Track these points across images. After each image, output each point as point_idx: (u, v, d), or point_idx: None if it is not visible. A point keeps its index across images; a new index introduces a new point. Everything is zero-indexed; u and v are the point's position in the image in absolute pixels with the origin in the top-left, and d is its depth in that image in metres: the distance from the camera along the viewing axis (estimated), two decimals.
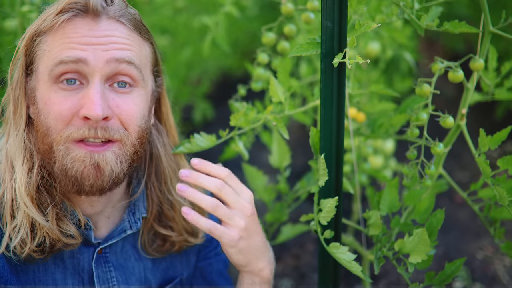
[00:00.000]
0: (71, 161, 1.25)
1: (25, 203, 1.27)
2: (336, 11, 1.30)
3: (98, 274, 1.41)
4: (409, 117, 1.70)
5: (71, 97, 1.25)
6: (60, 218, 1.31)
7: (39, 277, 1.34)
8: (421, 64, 3.52)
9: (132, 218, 1.45)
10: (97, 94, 1.23)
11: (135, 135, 1.32)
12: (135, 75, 1.30)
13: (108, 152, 1.27)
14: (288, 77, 1.62)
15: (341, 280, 1.66)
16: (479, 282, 2.49)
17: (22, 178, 1.28)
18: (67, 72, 1.24)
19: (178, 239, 1.50)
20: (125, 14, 1.31)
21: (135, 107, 1.31)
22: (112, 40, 1.27)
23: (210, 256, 1.67)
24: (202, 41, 2.72)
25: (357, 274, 1.39)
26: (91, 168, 1.25)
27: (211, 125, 3.83)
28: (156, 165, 1.48)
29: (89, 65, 1.24)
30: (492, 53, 1.64)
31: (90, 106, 1.22)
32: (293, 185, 2.11)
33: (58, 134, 1.25)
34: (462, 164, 3.40)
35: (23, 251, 1.28)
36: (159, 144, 1.49)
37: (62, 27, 1.26)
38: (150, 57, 1.38)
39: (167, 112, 1.52)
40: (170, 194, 1.49)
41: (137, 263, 1.49)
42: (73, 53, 1.24)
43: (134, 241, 1.49)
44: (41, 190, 1.30)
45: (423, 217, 1.56)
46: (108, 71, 1.26)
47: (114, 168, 1.28)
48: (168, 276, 1.56)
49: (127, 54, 1.28)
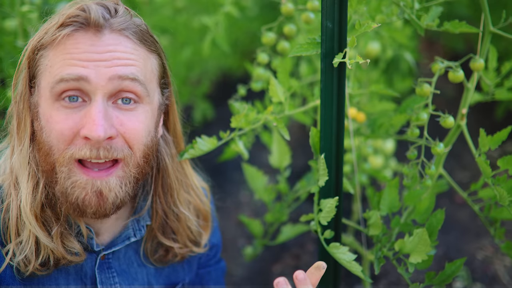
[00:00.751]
0: (71, 185, 1.21)
1: (30, 222, 1.25)
2: (336, 11, 1.30)
3: (101, 280, 1.40)
4: (409, 117, 1.70)
5: (72, 116, 1.20)
6: (64, 236, 1.29)
7: (42, 282, 1.33)
8: (421, 64, 3.52)
9: (137, 226, 1.43)
10: (99, 113, 1.18)
11: (140, 154, 1.27)
12: (139, 92, 1.24)
13: (111, 178, 1.22)
14: (288, 77, 1.62)
15: (341, 280, 1.66)
16: (479, 282, 2.49)
17: (27, 196, 1.25)
18: (69, 89, 1.19)
19: (181, 251, 1.48)
20: (129, 27, 1.25)
21: (140, 124, 1.25)
22: (115, 56, 1.21)
23: (210, 264, 1.68)
24: (202, 41, 2.72)
25: (357, 274, 1.39)
26: (93, 196, 1.21)
27: (211, 125, 3.83)
28: (163, 177, 1.44)
29: (90, 83, 1.18)
30: (492, 53, 1.64)
31: (91, 127, 1.17)
32: (293, 185, 2.11)
33: (61, 154, 1.20)
34: (463, 164, 3.40)
35: (27, 269, 1.26)
36: (166, 157, 1.44)
37: (63, 42, 1.20)
38: (156, 69, 1.32)
39: (174, 121, 1.47)
40: (176, 207, 1.46)
41: (140, 269, 1.48)
42: (74, 70, 1.18)
43: (137, 247, 1.48)
44: (45, 209, 1.27)
45: (423, 217, 1.56)
46: (111, 89, 1.20)
47: (118, 194, 1.24)
48: (171, 282, 1.55)
49: (131, 70, 1.22)
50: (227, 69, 4.28)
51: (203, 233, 1.55)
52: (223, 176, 3.37)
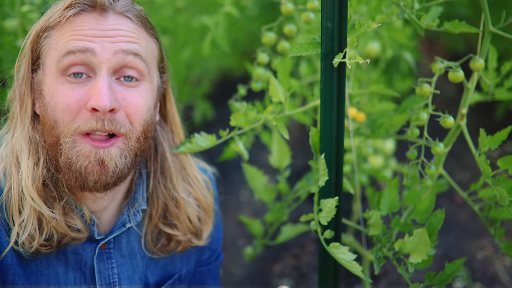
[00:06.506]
0: (76, 154, 1.25)
1: (32, 197, 1.28)
2: (336, 11, 1.30)
3: (99, 270, 1.41)
4: (409, 117, 1.70)
5: (78, 90, 1.25)
6: (66, 213, 1.32)
7: (41, 271, 1.35)
8: (421, 64, 3.53)
9: (131, 211, 1.45)
10: (105, 85, 1.24)
11: (140, 128, 1.32)
12: (141, 68, 1.31)
13: (113, 148, 1.28)
14: (288, 77, 1.62)
15: (341, 280, 1.66)
16: (479, 282, 2.49)
17: (28, 171, 1.28)
18: (75, 63, 1.25)
19: (183, 238, 1.50)
20: (131, 10, 1.32)
21: (142, 100, 1.32)
22: (120, 34, 1.28)
23: (211, 261, 1.69)
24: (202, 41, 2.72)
25: (357, 274, 1.39)
26: (95, 164, 1.26)
27: (211, 125, 3.83)
28: (161, 162, 1.49)
29: (96, 55, 1.25)
30: (492, 53, 1.64)
31: (98, 97, 1.22)
32: (293, 185, 2.11)
33: (66, 126, 1.25)
34: (463, 164, 3.40)
35: (31, 245, 1.29)
36: (164, 141, 1.49)
37: (69, 22, 1.27)
38: (156, 52, 1.40)
39: (172, 109, 1.53)
40: (175, 191, 1.49)
41: (142, 261, 1.50)
42: (81, 43, 1.25)
43: (140, 238, 1.49)
44: (47, 184, 1.31)
45: (423, 217, 1.56)
46: (115, 63, 1.27)
47: (118, 164, 1.28)
48: (167, 273, 1.56)
49: (134, 47, 1.29)
50: (227, 69, 4.28)
51: (204, 225, 1.56)
52: (223, 176, 3.37)
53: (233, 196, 3.28)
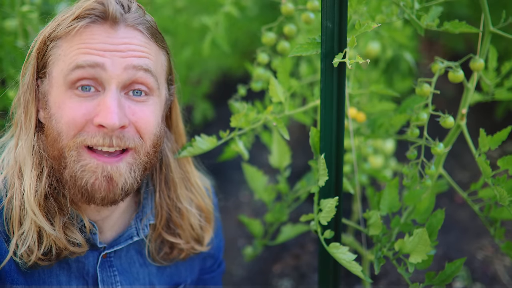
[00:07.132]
0: (81, 169, 1.22)
1: (33, 211, 1.25)
2: (336, 11, 1.30)
3: (102, 278, 1.40)
4: (409, 117, 1.70)
5: (85, 103, 1.22)
6: (67, 227, 1.30)
7: (43, 279, 1.33)
8: (421, 64, 3.53)
9: (140, 225, 1.44)
10: (114, 101, 1.20)
11: (150, 143, 1.29)
12: (151, 84, 1.27)
13: (121, 163, 1.24)
14: (288, 77, 1.62)
15: (341, 280, 1.66)
16: (479, 282, 2.49)
17: (30, 185, 1.26)
18: (84, 78, 1.21)
19: (185, 246, 1.50)
20: (143, 22, 1.28)
21: (151, 114, 1.28)
22: (130, 48, 1.24)
23: (213, 269, 1.70)
24: (202, 41, 2.72)
25: (357, 274, 1.39)
26: (103, 180, 1.22)
27: (211, 125, 3.83)
28: (166, 172, 1.47)
29: (106, 71, 1.21)
30: (492, 53, 1.64)
31: (106, 115, 1.19)
32: (293, 185, 2.11)
33: (70, 140, 1.22)
34: (463, 164, 3.40)
35: (29, 259, 1.27)
36: (168, 152, 1.47)
37: (79, 33, 1.23)
38: (165, 65, 1.36)
39: (176, 119, 1.51)
40: (179, 201, 1.48)
41: (142, 268, 1.49)
42: (91, 58, 1.21)
43: (138, 247, 1.48)
44: (49, 198, 1.28)
45: (423, 217, 1.56)
46: (125, 79, 1.23)
47: (128, 180, 1.25)
48: (174, 282, 1.56)
49: (145, 62, 1.25)
50: (227, 69, 4.28)
51: (205, 232, 1.56)
52: (223, 176, 3.37)
53: (233, 196, 3.28)
